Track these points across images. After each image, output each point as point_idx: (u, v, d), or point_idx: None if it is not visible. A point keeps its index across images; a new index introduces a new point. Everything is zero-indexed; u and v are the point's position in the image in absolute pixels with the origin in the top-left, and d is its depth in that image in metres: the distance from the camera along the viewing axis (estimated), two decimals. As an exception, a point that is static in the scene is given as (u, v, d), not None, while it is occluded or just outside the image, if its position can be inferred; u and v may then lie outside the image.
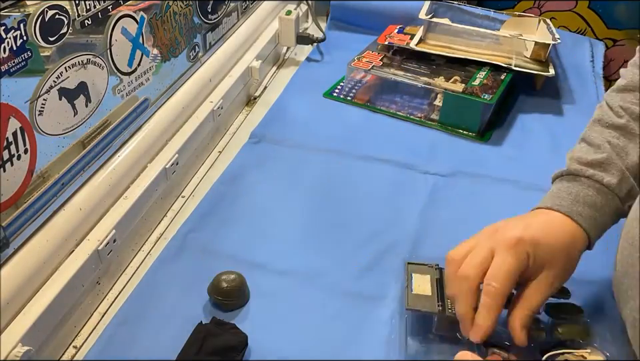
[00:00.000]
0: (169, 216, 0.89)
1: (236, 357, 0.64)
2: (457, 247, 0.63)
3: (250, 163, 0.96)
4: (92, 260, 0.71)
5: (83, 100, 0.71)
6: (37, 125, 0.63)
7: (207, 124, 0.98)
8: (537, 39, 1.14)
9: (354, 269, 0.77)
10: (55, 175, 0.68)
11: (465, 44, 1.17)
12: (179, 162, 0.89)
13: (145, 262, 0.80)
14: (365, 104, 1.11)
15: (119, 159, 0.79)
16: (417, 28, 1.22)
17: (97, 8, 0.71)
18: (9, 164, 0.60)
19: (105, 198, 0.76)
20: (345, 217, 0.85)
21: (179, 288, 0.74)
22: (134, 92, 0.82)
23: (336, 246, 0.80)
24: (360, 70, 1.14)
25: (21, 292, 0.63)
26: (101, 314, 0.74)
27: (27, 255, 0.64)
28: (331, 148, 1.00)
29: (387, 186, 0.91)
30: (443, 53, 1.14)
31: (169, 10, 0.87)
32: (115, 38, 0.76)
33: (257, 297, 0.73)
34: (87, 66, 0.70)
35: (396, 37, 1.21)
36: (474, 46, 1.17)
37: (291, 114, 1.09)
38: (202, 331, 0.66)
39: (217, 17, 1.04)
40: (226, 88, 1.05)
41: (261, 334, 0.68)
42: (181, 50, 0.93)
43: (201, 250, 0.80)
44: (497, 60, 1.11)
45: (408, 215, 0.86)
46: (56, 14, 0.64)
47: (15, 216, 0.62)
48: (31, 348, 0.60)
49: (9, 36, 0.57)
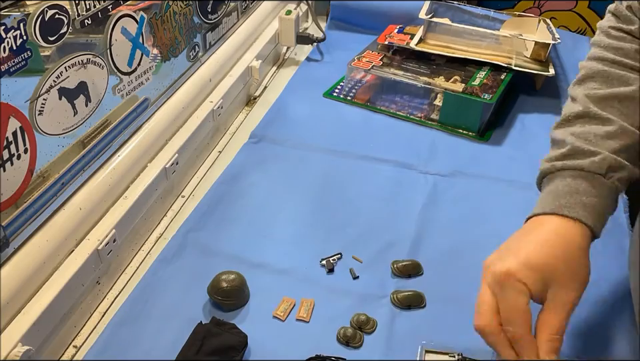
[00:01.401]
0: (168, 215, 0.89)
1: (235, 357, 0.64)
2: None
3: (250, 163, 0.96)
4: (92, 259, 0.71)
5: (83, 100, 0.71)
6: (36, 125, 0.63)
7: (207, 124, 0.98)
8: (536, 39, 1.14)
9: (353, 268, 0.77)
10: (55, 175, 0.68)
11: (465, 44, 1.17)
12: (179, 162, 0.89)
13: (144, 262, 0.80)
14: (365, 104, 1.11)
15: (118, 159, 0.79)
16: (417, 28, 1.23)
17: (97, 8, 0.71)
18: (9, 164, 0.60)
19: (104, 198, 0.76)
20: (345, 217, 0.85)
21: (178, 287, 0.74)
22: (134, 91, 0.82)
23: (335, 245, 0.80)
24: (360, 70, 1.14)
25: (21, 292, 0.63)
26: (101, 314, 0.74)
27: (27, 255, 0.64)
28: (331, 147, 1.00)
29: (387, 186, 0.91)
30: (443, 53, 1.14)
31: (168, 10, 0.87)
32: (114, 37, 0.75)
33: (256, 297, 0.73)
34: (86, 65, 0.70)
35: (396, 37, 1.21)
36: (474, 46, 1.17)
37: (290, 113, 1.09)
38: (202, 331, 0.66)
39: (217, 17, 1.04)
40: (226, 88, 1.05)
41: (261, 334, 0.68)
42: (180, 50, 0.93)
43: (200, 249, 0.80)
44: (497, 60, 1.11)
45: (408, 215, 0.86)
46: (56, 14, 0.64)
47: (15, 216, 0.62)
48: (30, 348, 0.60)
49: (9, 35, 0.57)
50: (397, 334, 0.69)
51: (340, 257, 0.79)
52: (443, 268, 0.77)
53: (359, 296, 0.74)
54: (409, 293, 0.73)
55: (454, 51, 1.15)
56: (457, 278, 0.76)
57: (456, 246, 0.81)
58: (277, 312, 0.71)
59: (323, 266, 0.77)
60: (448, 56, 1.14)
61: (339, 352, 0.67)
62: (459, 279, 0.76)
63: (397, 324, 0.70)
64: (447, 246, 0.81)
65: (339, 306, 0.72)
